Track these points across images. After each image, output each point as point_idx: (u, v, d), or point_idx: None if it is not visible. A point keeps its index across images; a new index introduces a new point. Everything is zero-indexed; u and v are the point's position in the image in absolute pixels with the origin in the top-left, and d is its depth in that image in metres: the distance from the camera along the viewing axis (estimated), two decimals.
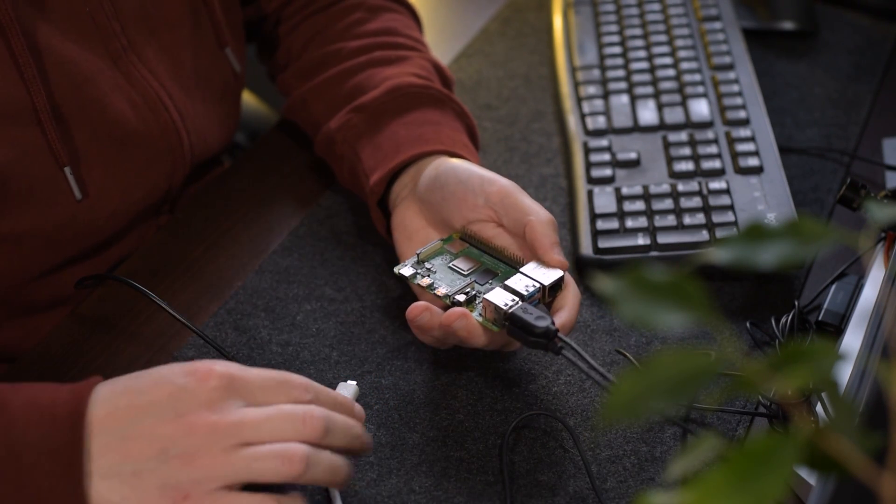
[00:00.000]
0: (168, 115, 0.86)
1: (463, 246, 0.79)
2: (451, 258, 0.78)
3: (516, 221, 0.76)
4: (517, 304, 0.71)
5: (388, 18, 0.97)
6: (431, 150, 0.83)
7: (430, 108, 0.87)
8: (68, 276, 0.85)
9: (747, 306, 0.83)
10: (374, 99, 0.87)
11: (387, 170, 0.83)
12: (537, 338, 0.70)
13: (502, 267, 0.77)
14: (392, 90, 0.87)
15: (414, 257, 0.78)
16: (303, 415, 0.61)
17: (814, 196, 0.94)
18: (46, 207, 0.79)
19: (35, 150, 0.77)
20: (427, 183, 0.80)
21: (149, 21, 0.86)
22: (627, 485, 0.71)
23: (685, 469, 0.38)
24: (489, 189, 0.77)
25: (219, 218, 0.92)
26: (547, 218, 0.75)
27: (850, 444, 0.36)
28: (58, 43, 0.78)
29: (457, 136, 0.86)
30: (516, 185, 0.77)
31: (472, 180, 0.78)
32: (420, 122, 0.86)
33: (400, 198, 0.83)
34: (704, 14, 1.10)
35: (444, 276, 0.76)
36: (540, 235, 0.74)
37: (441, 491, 0.70)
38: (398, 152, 0.83)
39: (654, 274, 0.38)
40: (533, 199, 0.76)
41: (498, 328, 0.72)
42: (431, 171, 0.80)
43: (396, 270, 0.77)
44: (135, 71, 0.84)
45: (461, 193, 0.78)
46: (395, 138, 0.85)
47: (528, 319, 0.70)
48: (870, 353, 0.65)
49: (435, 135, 0.84)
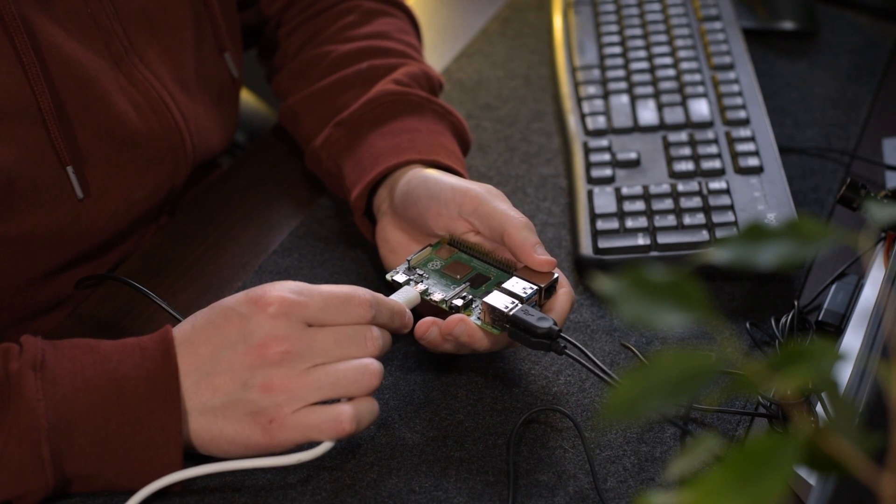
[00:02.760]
0: (171, 116, 0.86)
1: (452, 251, 0.79)
2: (442, 264, 0.78)
3: (493, 229, 0.75)
4: (517, 306, 0.71)
5: (381, 22, 0.97)
6: (406, 160, 0.82)
7: (408, 116, 0.87)
8: (70, 278, 0.85)
9: (747, 306, 0.83)
10: (352, 112, 0.87)
11: (364, 184, 0.83)
12: (540, 338, 0.70)
13: (493, 271, 0.77)
14: (369, 101, 0.87)
15: (405, 264, 0.78)
16: (365, 336, 0.67)
17: (814, 196, 0.94)
18: (49, 207, 0.79)
19: (38, 149, 0.77)
20: (401, 198, 0.80)
21: (150, 23, 0.86)
22: (627, 485, 0.71)
23: (685, 469, 0.38)
24: (461, 200, 0.76)
25: (219, 218, 0.92)
26: (522, 222, 0.74)
27: (850, 444, 0.36)
28: (62, 43, 0.78)
29: (436, 139, 0.85)
30: (490, 190, 0.77)
31: (444, 193, 0.77)
32: (397, 130, 0.85)
33: (381, 211, 0.83)
34: (704, 14, 1.10)
35: (436, 282, 0.76)
36: (519, 242, 0.73)
37: (441, 491, 0.70)
38: (375, 165, 0.83)
39: (654, 274, 0.38)
40: (508, 204, 0.76)
41: (498, 331, 0.72)
42: (403, 186, 0.80)
43: (389, 277, 0.77)
44: (137, 72, 0.85)
45: (435, 208, 0.77)
46: (372, 151, 0.85)
47: (530, 321, 0.70)
48: (870, 353, 0.65)
49: (411, 143, 0.84)
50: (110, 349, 0.67)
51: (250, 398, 0.65)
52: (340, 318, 0.67)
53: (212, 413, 0.66)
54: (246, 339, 0.65)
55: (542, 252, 0.73)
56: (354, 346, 0.66)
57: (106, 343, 0.68)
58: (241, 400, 0.65)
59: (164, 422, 0.65)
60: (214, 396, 0.65)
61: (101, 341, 0.68)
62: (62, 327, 0.82)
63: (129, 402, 0.65)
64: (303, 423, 0.65)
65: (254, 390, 0.65)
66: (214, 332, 0.66)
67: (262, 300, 0.66)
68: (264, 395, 0.65)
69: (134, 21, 0.84)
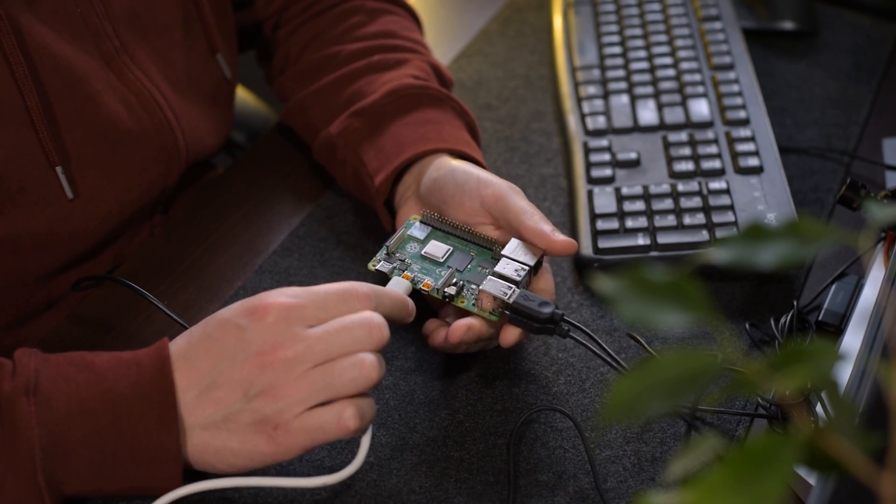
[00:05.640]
0: (162, 115, 0.86)
1: (426, 230, 0.79)
2: (421, 246, 0.78)
3: (509, 222, 0.76)
4: (515, 291, 0.71)
5: (386, 21, 0.97)
6: (434, 149, 0.83)
7: (429, 108, 0.87)
8: (64, 280, 0.85)
9: (747, 306, 0.83)
10: (373, 102, 0.87)
11: (391, 169, 0.83)
12: (543, 324, 0.70)
13: (474, 249, 0.78)
14: (391, 93, 0.87)
15: (383, 249, 0.77)
16: (368, 326, 0.65)
17: (814, 196, 0.94)
18: (39, 208, 0.79)
19: (26, 149, 0.77)
20: (428, 185, 0.81)
21: (140, 23, 0.86)
22: (627, 485, 0.71)
23: (685, 469, 0.38)
24: (484, 192, 0.77)
25: (219, 218, 0.92)
26: (538, 215, 0.75)
27: (849, 444, 0.36)
28: (50, 42, 0.78)
29: (458, 133, 0.86)
30: (512, 187, 0.78)
31: (469, 184, 0.78)
32: (421, 121, 0.86)
33: (404, 198, 0.84)
34: (704, 14, 1.10)
35: (421, 267, 0.77)
36: (538, 231, 0.74)
37: (441, 491, 0.70)
38: (401, 152, 0.84)
39: (654, 274, 0.38)
40: (527, 201, 0.77)
41: (497, 317, 0.72)
42: (432, 173, 0.81)
43: (371, 267, 0.77)
44: (128, 72, 0.84)
45: (458, 197, 0.78)
46: (396, 139, 0.85)
47: (532, 307, 0.71)
48: (870, 353, 0.65)
49: (436, 133, 0.85)
50: (105, 366, 0.65)
51: (252, 407, 0.63)
52: (340, 313, 0.65)
53: (214, 427, 0.64)
54: (245, 350, 0.64)
55: (560, 235, 0.74)
56: (357, 340, 0.64)
57: (101, 358, 0.66)
58: (243, 410, 0.64)
59: (161, 440, 0.63)
60: (216, 410, 0.64)
61: (97, 355, 0.66)
62: (60, 329, 0.82)
63: (126, 422, 0.63)
64: (307, 426, 0.63)
65: (255, 400, 0.63)
66: (213, 345, 0.65)
67: (259, 310, 0.64)
68: (266, 402, 0.63)
69: (123, 21, 0.84)
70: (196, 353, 0.65)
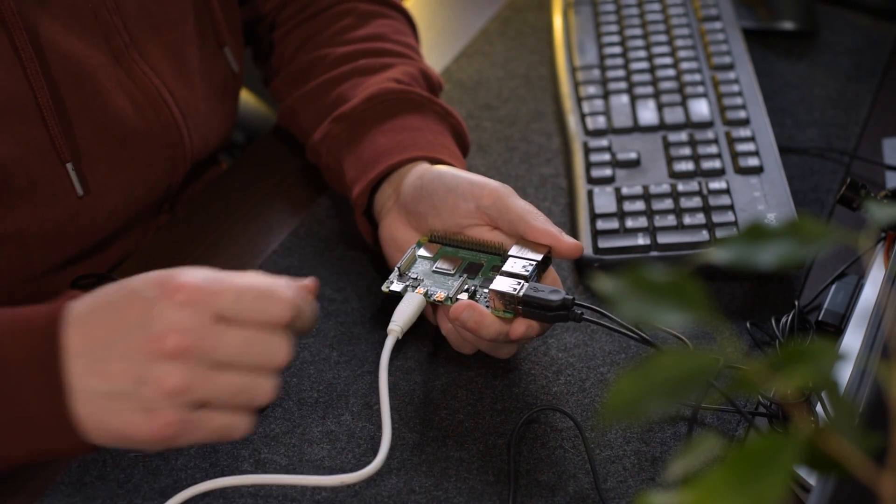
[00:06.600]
0: (169, 113, 0.86)
1: (435, 248, 0.79)
2: (432, 262, 0.78)
3: (511, 222, 0.76)
4: (524, 286, 0.72)
5: (378, 24, 0.96)
6: (411, 157, 0.83)
7: (409, 114, 0.87)
8: (69, 275, 0.85)
9: (747, 306, 0.83)
10: (353, 108, 0.87)
11: (366, 182, 0.83)
12: (556, 311, 0.71)
13: (484, 257, 0.78)
14: (370, 98, 0.87)
15: (395, 271, 0.78)
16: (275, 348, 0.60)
17: (814, 196, 0.94)
18: (48, 204, 0.79)
19: (38, 145, 0.77)
20: (412, 192, 0.80)
21: (151, 18, 0.86)
22: (627, 485, 0.71)
23: (685, 469, 0.38)
24: (480, 194, 0.77)
25: (219, 218, 0.92)
26: (542, 216, 0.76)
27: (850, 444, 0.36)
28: (60, 39, 0.78)
29: (438, 139, 0.86)
30: (506, 187, 0.78)
31: (462, 187, 0.78)
32: (399, 128, 0.85)
33: (385, 209, 0.83)
34: (704, 14, 1.10)
35: (433, 282, 0.76)
36: (545, 232, 0.75)
37: (441, 491, 0.70)
38: (378, 162, 0.83)
39: (654, 274, 0.38)
40: (524, 200, 0.77)
41: (511, 314, 0.72)
42: (415, 181, 0.80)
43: (385, 289, 0.77)
44: (136, 68, 0.85)
45: (451, 201, 0.78)
46: (374, 147, 0.85)
47: (542, 296, 0.71)
48: (870, 353, 0.65)
49: (413, 141, 0.84)
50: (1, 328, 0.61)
51: (144, 394, 0.58)
52: (254, 314, 0.60)
53: (99, 401, 0.59)
54: (145, 327, 0.58)
55: (568, 237, 0.75)
56: (261, 355, 0.60)
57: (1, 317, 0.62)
58: (133, 394, 0.59)
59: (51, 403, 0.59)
60: (102, 383, 0.59)
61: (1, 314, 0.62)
62: None
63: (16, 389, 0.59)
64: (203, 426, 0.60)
65: (148, 386, 0.58)
66: (114, 313, 0.60)
67: (169, 284, 0.59)
68: (160, 394, 0.58)
69: (134, 16, 0.84)
70: (95, 320, 0.60)
